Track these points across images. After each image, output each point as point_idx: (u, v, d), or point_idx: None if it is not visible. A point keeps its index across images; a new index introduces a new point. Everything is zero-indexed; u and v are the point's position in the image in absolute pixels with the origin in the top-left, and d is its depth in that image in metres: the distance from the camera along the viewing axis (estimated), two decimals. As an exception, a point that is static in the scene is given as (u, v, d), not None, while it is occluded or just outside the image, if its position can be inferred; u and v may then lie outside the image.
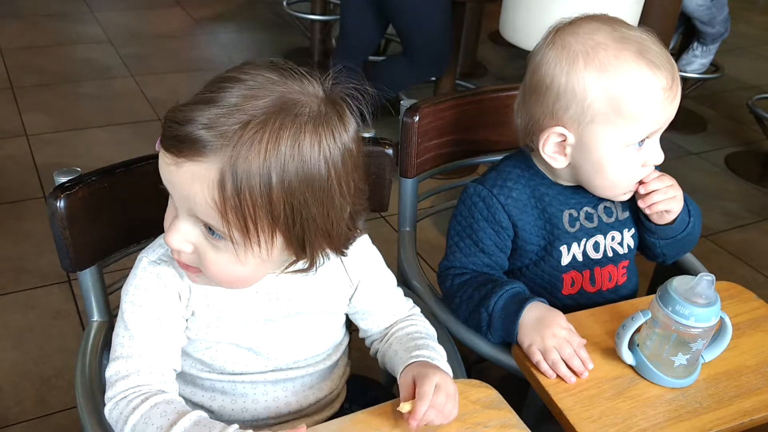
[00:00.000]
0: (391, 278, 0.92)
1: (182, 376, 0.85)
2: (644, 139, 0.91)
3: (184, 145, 0.64)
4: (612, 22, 0.91)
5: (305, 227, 0.68)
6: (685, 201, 1.01)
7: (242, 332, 0.82)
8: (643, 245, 1.06)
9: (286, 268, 0.76)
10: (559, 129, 0.91)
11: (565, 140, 0.92)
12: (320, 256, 0.74)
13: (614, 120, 0.88)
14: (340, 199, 0.69)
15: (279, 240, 0.68)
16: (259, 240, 0.67)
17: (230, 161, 0.63)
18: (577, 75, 0.88)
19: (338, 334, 0.91)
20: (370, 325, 0.92)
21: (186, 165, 0.65)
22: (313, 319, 0.86)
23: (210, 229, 0.68)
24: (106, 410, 0.76)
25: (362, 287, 0.88)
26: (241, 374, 0.84)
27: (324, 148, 0.66)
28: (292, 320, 0.84)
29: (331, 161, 0.67)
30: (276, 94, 0.66)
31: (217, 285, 0.76)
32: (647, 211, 0.98)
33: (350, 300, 0.89)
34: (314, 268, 0.75)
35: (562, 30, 0.91)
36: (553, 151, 0.93)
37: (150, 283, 0.77)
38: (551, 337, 0.87)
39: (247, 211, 0.64)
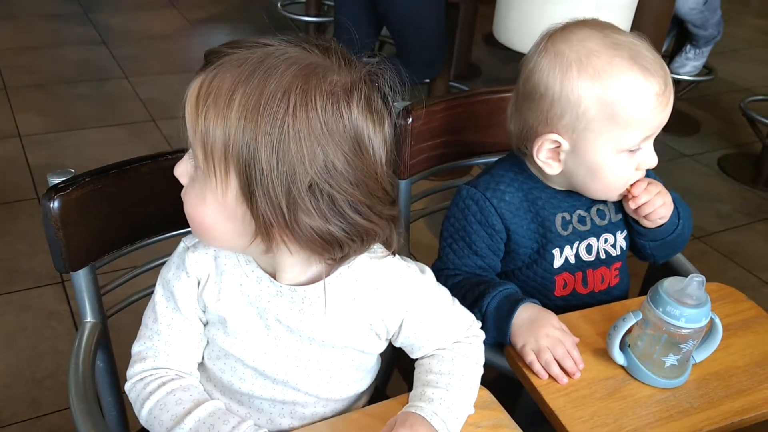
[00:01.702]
0: (442, 304, 0.83)
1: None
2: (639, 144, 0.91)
3: (205, 61, 0.68)
4: (603, 27, 0.91)
5: (252, 171, 0.64)
6: (674, 203, 1.01)
7: (250, 347, 0.78)
8: (633, 246, 1.07)
9: (252, 242, 0.69)
10: (554, 136, 0.91)
11: (559, 147, 0.92)
12: (282, 239, 0.67)
13: (609, 126, 0.88)
14: (296, 160, 0.63)
15: (233, 181, 0.66)
16: (215, 171, 0.66)
17: (212, 74, 0.66)
18: (570, 83, 0.88)
19: (366, 372, 0.84)
20: (418, 355, 0.85)
21: (195, 77, 0.68)
22: (334, 355, 0.79)
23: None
24: (126, 387, 0.79)
25: (407, 325, 0.81)
26: (248, 395, 0.80)
27: (292, 96, 0.63)
28: (308, 349, 0.78)
29: (293, 110, 0.63)
30: (300, 49, 0.67)
31: (193, 231, 0.74)
32: (642, 221, 0.99)
33: (394, 337, 0.82)
34: (271, 251, 0.70)
35: (554, 37, 0.92)
36: (546, 157, 0.94)
37: (177, 268, 0.78)
38: (544, 337, 0.88)
39: (208, 128, 0.65)
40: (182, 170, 0.71)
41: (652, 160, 0.93)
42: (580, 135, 0.90)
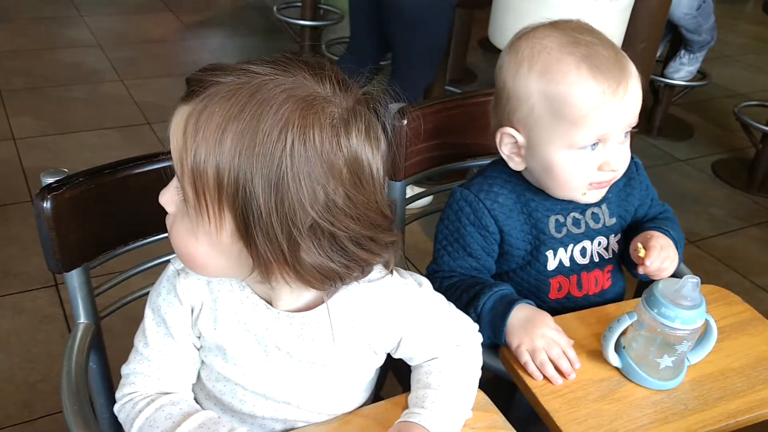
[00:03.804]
0: (439, 313, 0.82)
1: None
2: (596, 143, 0.90)
3: (187, 86, 0.64)
4: (569, 27, 0.91)
5: (249, 212, 0.61)
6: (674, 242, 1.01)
7: (249, 373, 0.76)
8: (624, 262, 1.08)
9: (249, 275, 0.68)
10: (510, 130, 0.94)
11: (517, 141, 0.94)
12: (281, 274, 0.66)
13: (556, 123, 0.89)
14: (296, 202, 0.61)
15: (228, 221, 0.63)
16: (208, 210, 0.63)
17: (199, 107, 0.62)
18: (521, 78, 0.90)
19: (366, 384, 0.83)
20: (416, 363, 0.84)
21: (179, 106, 0.64)
22: (334, 375, 0.78)
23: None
24: (115, 409, 0.77)
25: (405, 341, 0.80)
26: (250, 415, 0.79)
27: (289, 134, 0.60)
28: (307, 371, 0.77)
29: (291, 150, 0.60)
30: (292, 77, 0.62)
31: (182, 262, 0.72)
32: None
33: (393, 351, 0.82)
34: (268, 282, 0.68)
35: (520, 35, 0.94)
36: (510, 152, 0.96)
37: (168, 293, 0.75)
38: (540, 338, 0.88)
39: (198, 166, 0.61)
40: (168, 199, 0.67)
41: (615, 163, 0.92)
42: (531, 130, 0.92)
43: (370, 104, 0.67)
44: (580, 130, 0.88)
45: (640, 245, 0.96)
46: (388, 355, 0.85)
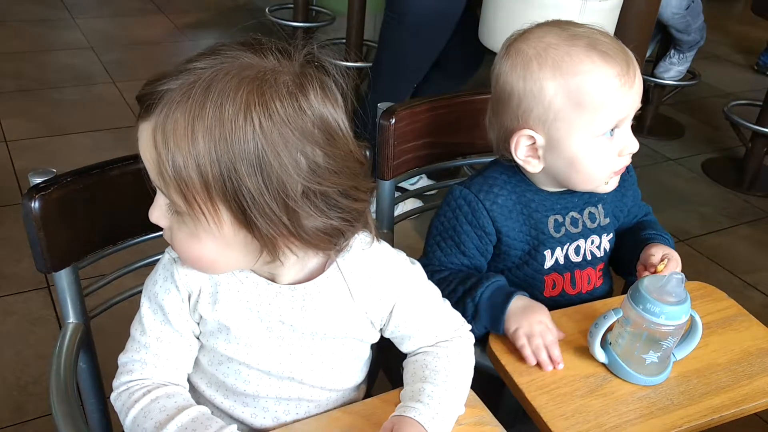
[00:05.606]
0: (432, 298, 0.85)
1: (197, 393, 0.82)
2: (614, 128, 0.92)
3: (140, 105, 0.65)
4: (561, 24, 0.94)
5: (242, 199, 0.63)
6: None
7: (253, 351, 0.77)
8: (614, 263, 1.09)
9: (259, 259, 0.70)
10: (527, 131, 0.93)
11: (535, 142, 0.94)
12: (288, 246, 0.68)
13: (577, 114, 0.90)
14: (283, 173, 0.63)
15: (225, 215, 0.65)
16: (203, 210, 0.64)
17: (161, 119, 0.63)
18: (533, 77, 0.90)
19: (363, 362, 0.86)
20: (409, 348, 0.85)
21: (140, 125, 0.65)
22: (335, 346, 0.80)
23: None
24: (112, 398, 0.77)
25: (397, 312, 0.82)
26: (254, 396, 0.80)
27: (254, 115, 0.61)
28: (310, 344, 0.79)
29: (260, 127, 0.61)
30: (237, 62, 0.64)
31: (190, 267, 0.74)
32: None
33: (385, 325, 0.83)
34: (278, 260, 0.70)
35: (514, 40, 0.95)
36: (526, 155, 0.95)
37: (164, 281, 0.77)
38: (537, 323, 0.89)
39: (180, 172, 0.62)
40: (159, 214, 0.69)
41: (632, 145, 0.94)
42: (552, 126, 0.92)
43: (315, 63, 0.68)
44: (602, 115, 0.90)
45: (665, 262, 0.98)
46: (378, 350, 0.85)
